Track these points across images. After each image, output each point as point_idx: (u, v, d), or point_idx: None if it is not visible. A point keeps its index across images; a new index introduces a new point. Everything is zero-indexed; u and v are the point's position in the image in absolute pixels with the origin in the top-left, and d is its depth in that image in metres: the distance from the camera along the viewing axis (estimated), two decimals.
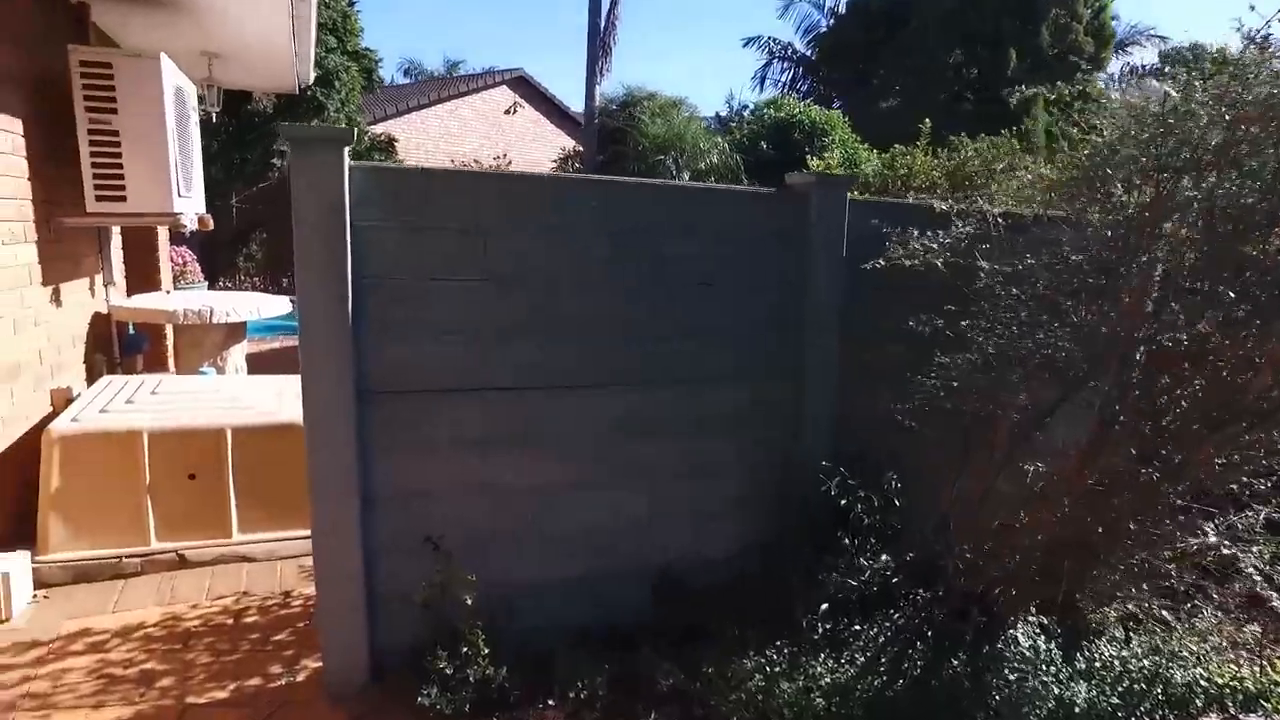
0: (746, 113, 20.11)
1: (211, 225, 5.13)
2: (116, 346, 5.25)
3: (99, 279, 5.04)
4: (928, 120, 7.94)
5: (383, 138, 15.74)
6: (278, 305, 5.46)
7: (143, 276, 7.09)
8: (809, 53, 24.10)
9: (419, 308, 2.66)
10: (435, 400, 2.74)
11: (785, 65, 23.75)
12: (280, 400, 3.95)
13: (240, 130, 12.43)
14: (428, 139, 21.10)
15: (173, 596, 3.32)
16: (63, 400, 4.05)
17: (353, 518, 2.62)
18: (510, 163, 19.87)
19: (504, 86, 23.23)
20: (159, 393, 3.82)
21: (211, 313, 4.92)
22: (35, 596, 3.27)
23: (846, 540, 3.05)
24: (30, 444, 3.65)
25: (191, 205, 4.71)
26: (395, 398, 2.68)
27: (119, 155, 4.12)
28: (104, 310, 5.08)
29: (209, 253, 14.60)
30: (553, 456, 2.94)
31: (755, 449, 3.29)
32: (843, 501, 3.07)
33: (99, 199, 4.12)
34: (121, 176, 4.13)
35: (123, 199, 4.15)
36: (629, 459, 3.06)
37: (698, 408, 3.15)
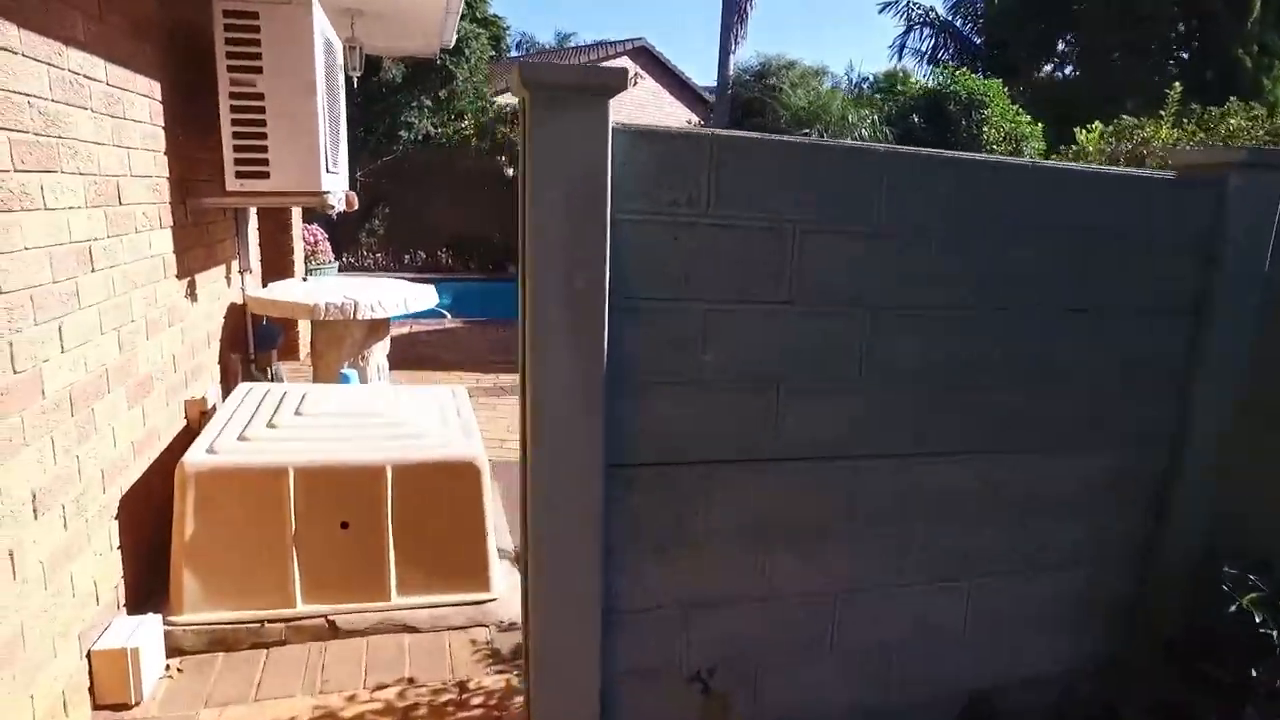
0: (866, 85, 18.67)
1: (356, 204, 4.48)
2: (251, 341, 4.69)
3: (234, 265, 4.47)
4: (1177, 85, 6.60)
5: (508, 109, 15.13)
6: (426, 297, 4.78)
7: (275, 260, 6.59)
8: (951, 17, 22.30)
9: (697, 343, 1.83)
10: (708, 476, 1.91)
11: (928, 32, 21.98)
12: (446, 426, 3.23)
13: (367, 101, 12.02)
14: None
15: (324, 681, 2.64)
16: (198, 413, 3.45)
17: (591, 639, 1.84)
18: None
19: (625, 57, 22.38)
20: (304, 413, 3.16)
21: (356, 307, 4.28)
22: (168, 669, 2.65)
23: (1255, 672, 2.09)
24: (162, 470, 3.04)
25: (339, 182, 4.05)
26: (655, 473, 1.87)
27: (263, 124, 3.46)
28: (239, 301, 4.51)
29: (332, 228, 14.43)
30: (844, 549, 2.08)
31: (1104, 538, 2.34)
32: (1257, 620, 2.11)
33: (239, 175, 3.48)
34: (265, 149, 3.48)
35: (265, 175, 3.50)
36: (939, 551, 2.17)
37: (1032, 481, 2.23)
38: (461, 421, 3.32)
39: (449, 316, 10.54)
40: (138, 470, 2.91)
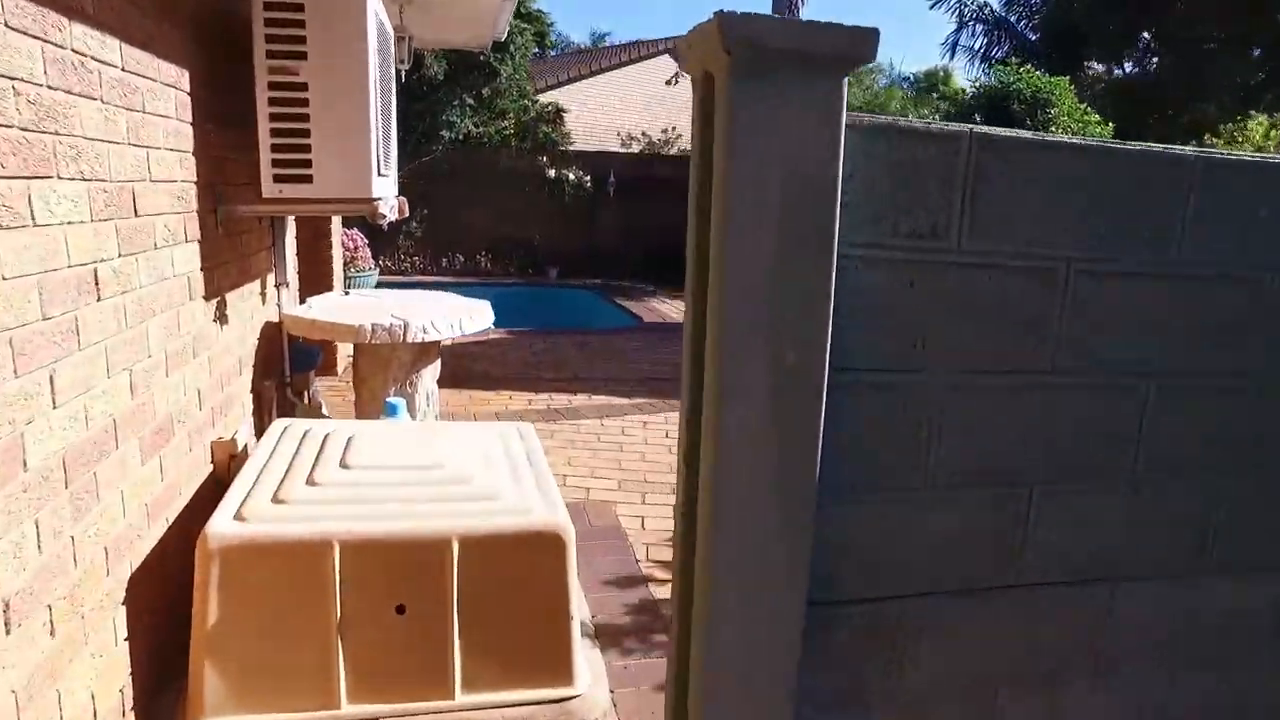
0: (905, 85, 17.95)
1: (408, 212, 3.98)
2: (287, 362, 4.21)
3: (270, 280, 3.99)
4: None
5: (550, 108, 14.68)
6: (481, 315, 4.28)
7: (312, 270, 6.14)
8: (1005, 12, 21.49)
9: (930, 431, 1.28)
10: (930, 610, 1.35)
11: (980, 29, 21.18)
12: (520, 482, 2.70)
13: (409, 100, 11.60)
14: (585, 110, 20.02)
15: None
16: (226, 458, 2.96)
17: None
18: (679, 136, 18.47)
19: (665, 55, 21.84)
20: (351, 464, 2.64)
21: (406, 329, 3.77)
22: None
23: None
24: (183, 533, 2.55)
25: (390, 187, 3.55)
26: (863, 611, 1.32)
27: (306, 119, 2.96)
28: (275, 319, 4.03)
29: (370, 233, 14.06)
30: (1095, 703, 1.51)
31: None
32: None
33: (278, 179, 2.98)
34: (308, 149, 2.98)
35: (308, 179, 3.00)
36: (1216, 702, 1.60)
37: None
38: (535, 474, 2.79)
39: (492, 325, 10.05)
40: (153, 538, 2.41)
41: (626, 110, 20.74)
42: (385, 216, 3.23)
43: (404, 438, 2.97)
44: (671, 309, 10.85)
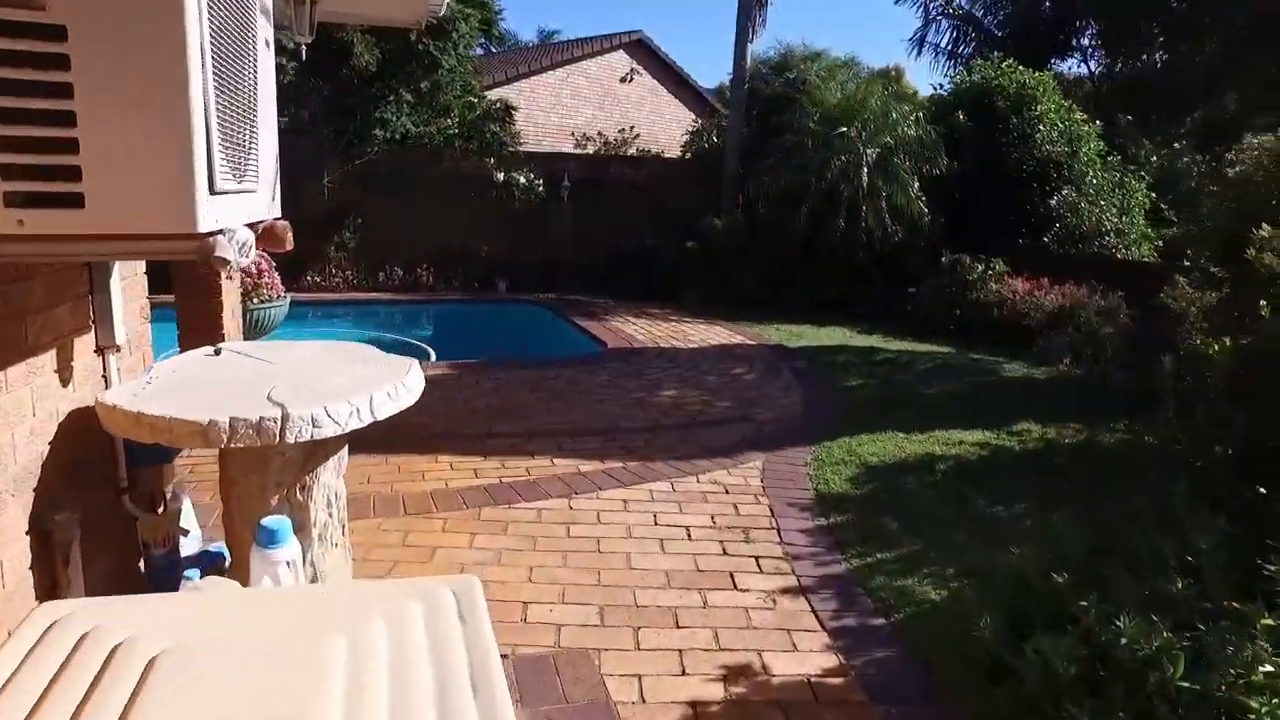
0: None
1: (290, 244, 2.68)
2: (121, 461, 2.88)
3: (82, 344, 2.66)
4: None
5: (498, 105, 13.34)
6: (407, 388, 2.99)
7: (195, 305, 4.77)
8: (970, 6, 20.79)
9: None
10: None
11: (947, 25, 20.43)
12: None
13: (337, 96, 10.22)
14: (538, 109, 18.70)
15: None
16: None
17: None
18: (638, 136, 17.27)
19: (621, 51, 20.66)
20: None
21: (284, 423, 2.48)
22: None
23: None
24: None
25: (248, 209, 2.25)
26: None
27: (67, 97, 1.66)
28: (90, 404, 2.69)
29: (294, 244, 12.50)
30: None
31: None
32: None
33: (15, 202, 1.67)
34: (73, 147, 1.68)
35: (75, 201, 1.70)
36: None
37: None
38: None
39: (433, 356, 8.71)
40: None
41: (580, 109, 19.48)
42: (228, 261, 1.94)
43: (247, 659, 1.67)
44: (637, 329, 9.62)
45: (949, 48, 20.53)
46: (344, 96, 10.12)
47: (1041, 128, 12.18)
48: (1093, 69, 19.94)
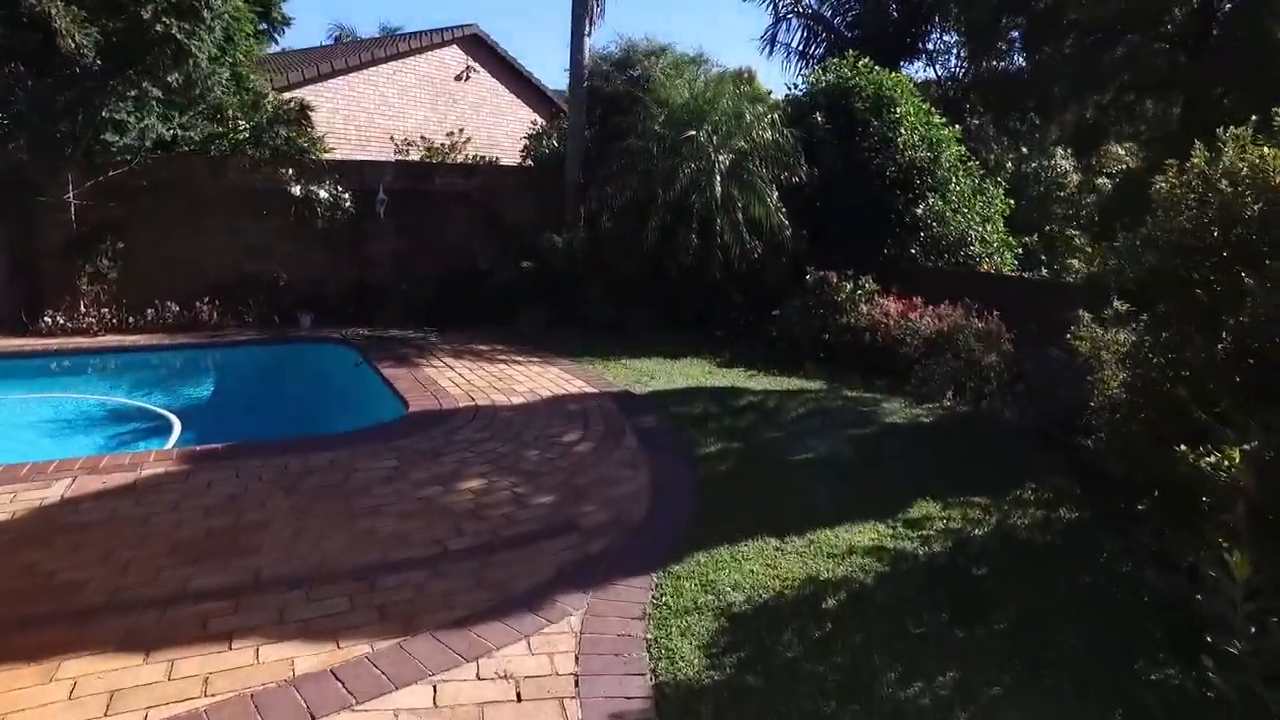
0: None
1: None
2: None
3: None
4: None
5: (291, 105, 11.22)
6: None
7: None
8: (820, 6, 20.21)
9: None
10: None
11: (797, 23, 19.71)
12: None
13: (48, 89, 7.94)
14: (360, 110, 16.53)
15: None
16: None
17: None
18: (468, 140, 15.46)
19: (454, 46, 18.72)
20: None
21: None
22: None
23: None
24: None
25: None
26: None
27: None
28: None
29: (27, 271, 10.01)
30: None
31: None
32: None
33: None
34: None
35: None
36: None
37: None
38: None
39: (174, 431, 6.69)
40: None
41: (410, 110, 17.41)
42: None
43: None
44: (454, 378, 7.91)
45: (800, 48, 19.82)
46: (60, 87, 7.86)
47: (903, 131, 11.32)
48: (939, 73, 19.79)
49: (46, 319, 10.02)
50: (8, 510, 4.59)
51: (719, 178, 10.10)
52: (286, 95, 12.12)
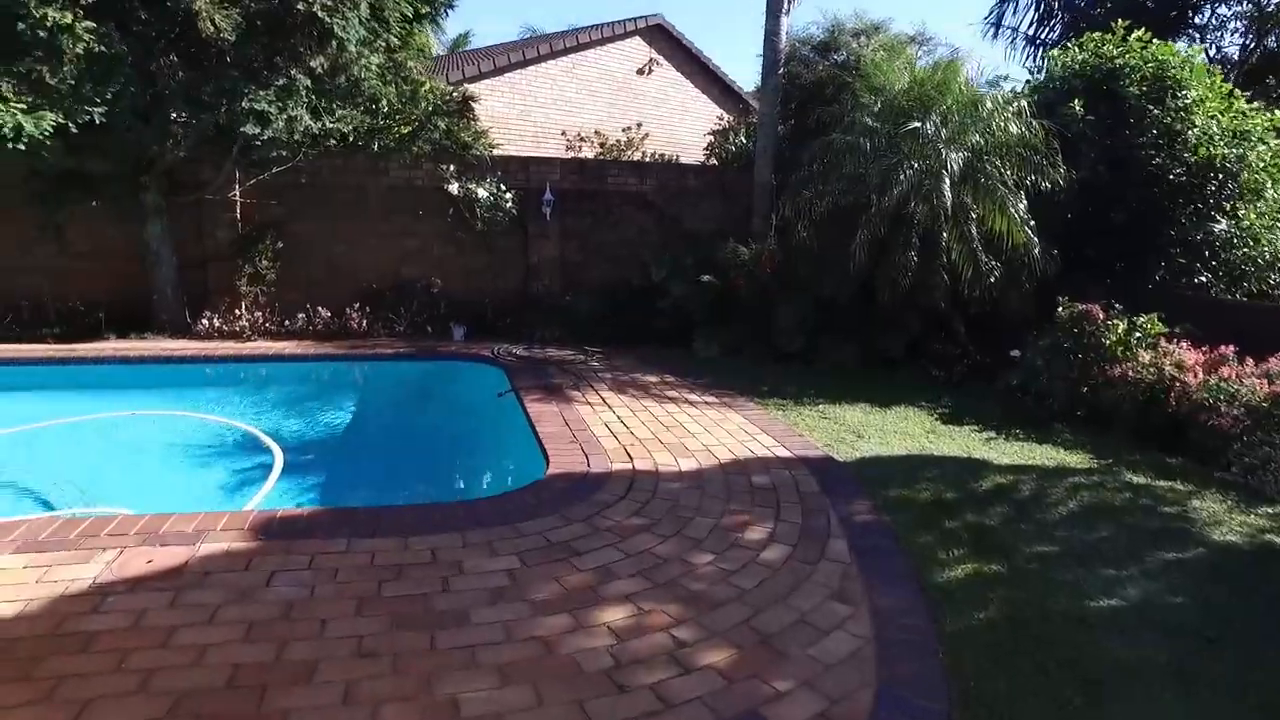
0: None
1: None
2: None
3: None
4: None
5: (453, 96, 10.28)
6: None
7: None
8: None
9: None
10: None
11: (1029, 1, 16.89)
12: None
13: (195, 80, 7.25)
14: (535, 106, 15.63)
15: None
16: None
17: None
18: (646, 135, 14.11)
19: (636, 38, 17.52)
20: None
21: None
22: None
23: None
24: None
25: None
26: None
27: None
28: None
29: (193, 271, 9.56)
30: None
31: None
32: None
33: None
34: None
35: None
36: None
37: None
38: None
39: (276, 464, 5.62)
40: None
41: (586, 103, 16.36)
42: None
43: None
44: (611, 422, 6.44)
45: (1030, 32, 17.02)
46: (204, 82, 7.16)
47: (1195, 122, 8.74)
48: (1213, 54, 16.30)
49: (204, 321, 9.59)
50: (26, 597, 3.53)
51: (948, 181, 8.04)
52: (450, 87, 11.22)
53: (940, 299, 8.24)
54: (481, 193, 10.01)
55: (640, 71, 17.34)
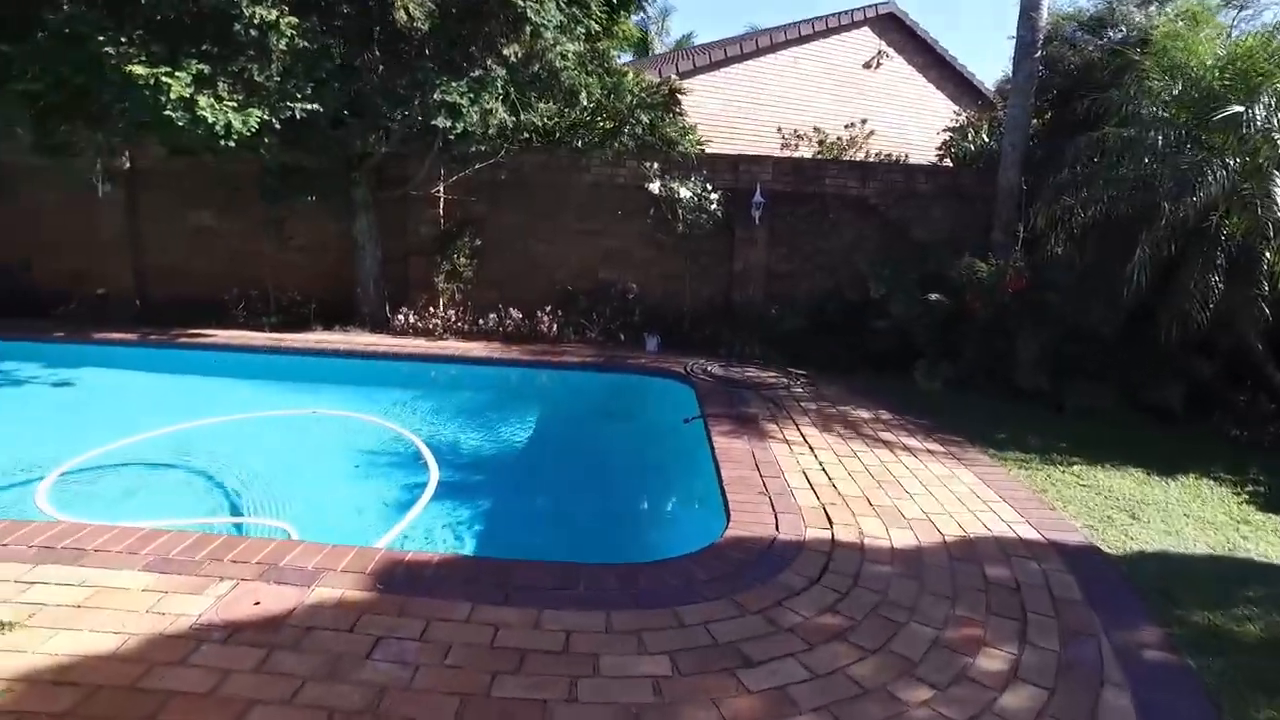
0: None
1: None
2: None
3: None
4: None
5: (658, 88, 9.59)
6: None
7: None
8: None
9: None
10: None
11: None
12: None
13: (392, 73, 7.05)
14: (752, 102, 14.72)
15: None
16: None
17: None
18: (871, 133, 12.76)
19: (865, 29, 16.10)
20: None
21: None
22: None
23: None
24: None
25: None
26: None
27: None
28: None
29: (396, 266, 9.59)
30: None
31: None
32: None
33: None
34: None
35: None
36: None
37: None
38: None
39: (430, 482, 5.13)
40: None
41: (808, 100, 15.20)
42: None
43: None
44: (809, 468, 5.41)
45: None
46: (401, 74, 6.92)
47: None
48: None
49: (400, 317, 9.60)
50: (130, 630, 3.18)
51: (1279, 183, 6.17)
52: (655, 78, 10.55)
53: (1254, 338, 6.36)
54: (684, 192, 9.24)
55: (867, 65, 15.90)
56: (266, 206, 9.07)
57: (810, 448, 5.80)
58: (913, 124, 15.73)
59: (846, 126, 12.70)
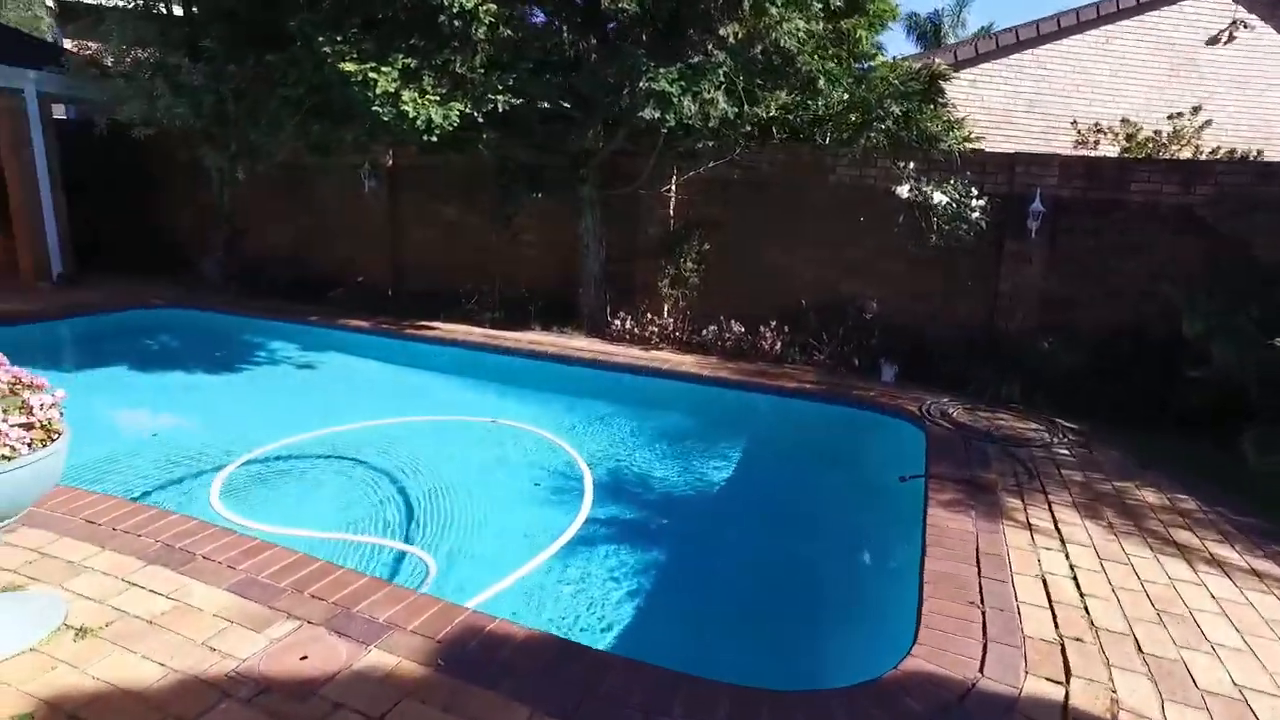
0: None
1: None
2: None
3: None
4: None
5: (919, 75, 8.18)
6: None
7: None
8: None
9: None
10: None
11: None
12: None
13: (602, 62, 6.47)
14: (1042, 92, 12.54)
15: None
16: None
17: None
18: (1206, 123, 10.23)
19: None
20: None
21: None
22: None
23: None
24: None
25: None
26: None
27: None
28: None
29: (619, 267, 9.13)
30: None
31: None
32: None
33: None
34: None
35: None
36: None
37: None
38: None
39: (581, 513, 4.81)
40: None
41: (1123, 87, 12.65)
42: None
43: None
44: (1065, 571, 4.02)
45: None
46: (609, 63, 6.30)
47: None
48: None
49: (617, 322, 9.16)
50: (177, 665, 2.86)
51: None
52: (912, 63, 9.08)
53: None
54: (940, 197, 7.81)
55: (1214, 39, 12.88)
56: (502, 204, 9.08)
57: (1062, 540, 4.32)
58: (1275, 113, 12.49)
59: (1170, 117, 10.25)
